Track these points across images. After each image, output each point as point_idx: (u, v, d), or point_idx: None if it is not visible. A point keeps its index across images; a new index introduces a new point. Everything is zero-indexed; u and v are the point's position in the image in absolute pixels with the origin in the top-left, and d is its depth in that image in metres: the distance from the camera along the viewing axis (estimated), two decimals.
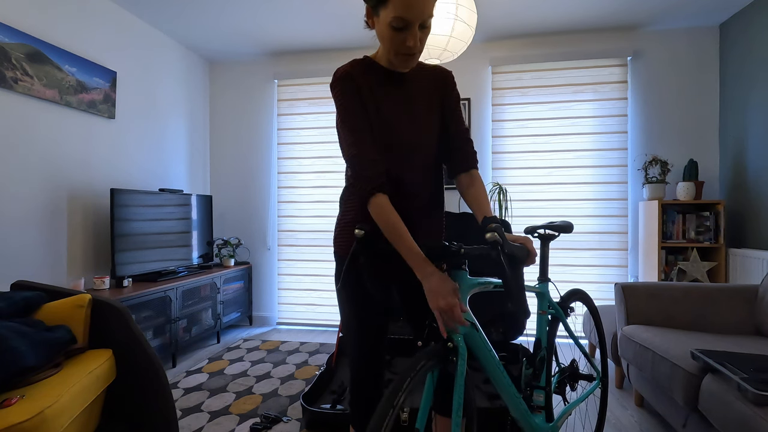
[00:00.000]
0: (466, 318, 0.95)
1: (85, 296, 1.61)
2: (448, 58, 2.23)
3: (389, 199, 1.01)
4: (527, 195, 3.35)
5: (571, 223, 1.41)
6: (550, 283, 1.48)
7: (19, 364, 1.27)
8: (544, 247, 1.44)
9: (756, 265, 2.55)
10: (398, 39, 0.97)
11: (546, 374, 1.30)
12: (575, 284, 3.28)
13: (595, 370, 1.64)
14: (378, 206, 0.97)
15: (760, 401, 1.18)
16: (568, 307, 1.51)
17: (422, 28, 0.97)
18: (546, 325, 1.38)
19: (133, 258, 2.63)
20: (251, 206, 3.81)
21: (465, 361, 0.92)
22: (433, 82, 1.14)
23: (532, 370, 1.30)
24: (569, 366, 1.53)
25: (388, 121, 1.06)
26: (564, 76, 3.29)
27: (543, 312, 1.38)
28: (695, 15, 2.96)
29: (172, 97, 3.39)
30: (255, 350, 3.02)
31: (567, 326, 1.49)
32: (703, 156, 3.13)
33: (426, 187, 1.12)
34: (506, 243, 0.89)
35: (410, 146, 1.08)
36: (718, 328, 1.95)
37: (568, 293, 1.56)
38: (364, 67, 1.08)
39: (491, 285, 1.09)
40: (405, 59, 1.01)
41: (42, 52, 2.29)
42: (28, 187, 2.23)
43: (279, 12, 2.95)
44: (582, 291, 1.61)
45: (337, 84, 1.04)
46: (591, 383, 2.34)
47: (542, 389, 1.29)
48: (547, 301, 1.39)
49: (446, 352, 0.92)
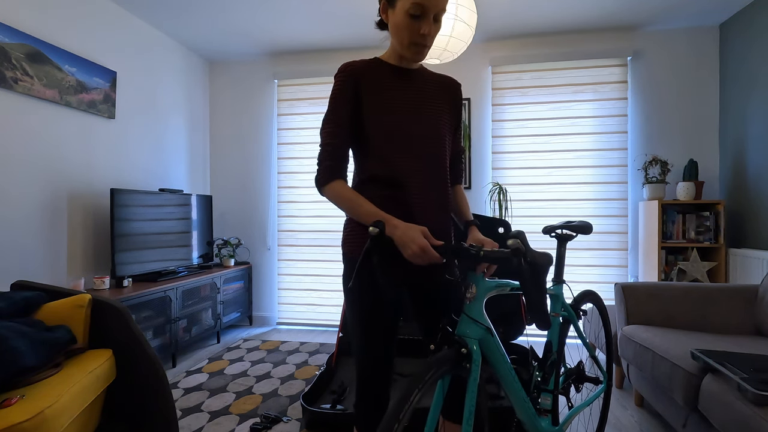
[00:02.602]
0: (482, 323, 0.94)
1: (85, 296, 1.61)
2: (448, 58, 2.23)
3: (384, 189, 1.07)
4: (527, 195, 3.34)
5: (589, 224, 1.39)
6: (564, 284, 1.46)
7: (19, 364, 1.27)
8: (561, 247, 1.42)
9: (756, 265, 2.55)
10: (414, 27, 1.01)
11: (554, 377, 1.29)
12: (575, 284, 3.28)
13: (602, 374, 1.63)
14: (333, 189, 1.04)
15: (760, 401, 1.18)
16: (580, 309, 1.48)
17: (435, 21, 1.03)
18: (558, 327, 1.35)
19: (133, 258, 2.63)
20: (251, 206, 3.81)
21: (479, 367, 0.90)
22: (445, 87, 1.17)
23: (543, 374, 1.28)
24: (576, 367, 1.51)
25: (394, 114, 1.07)
26: (564, 76, 3.29)
27: (555, 314, 1.36)
28: (695, 15, 2.96)
29: (172, 97, 3.39)
30: (255, 350, 3.02)
31: (578, 329, 1.47)
32: (703, 156, 3.13)
33: (433, 186, 1.11)
34: (529, 250, 0.87)
35: (419, 140, 1.08)
36: (718, 328, 1.95)
37: (580, 295, 1.54)
38: (372, 64, 1.11)
39: (508, 287, 1.07)
40: (418, 50, 1.05)
41: (42, 52, 2.29)
42: (28, 187, 2.23)
43: (279, 12, 2.95)
44: (594, 293, 1.58)
45: (338, 76, 1.08)
46: (597, 386, 2.32)
47: (550, 392, 1.27)
48: (560, 303, 1.37)
49: (459, 357, 0.89)
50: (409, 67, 1.14)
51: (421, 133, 1.08)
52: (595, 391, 2.16)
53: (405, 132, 1.07)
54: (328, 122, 1.07)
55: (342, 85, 1.07)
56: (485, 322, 0.97)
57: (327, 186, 1.05)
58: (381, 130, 1.07)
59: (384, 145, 1.07)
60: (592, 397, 1.51)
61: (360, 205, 1.00)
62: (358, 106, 1.07)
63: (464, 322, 0.94)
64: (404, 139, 1.07)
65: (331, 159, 1.05)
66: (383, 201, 1.07)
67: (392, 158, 1.06)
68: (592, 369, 2.65)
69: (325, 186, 1.05)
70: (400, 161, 1.06)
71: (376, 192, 1.08)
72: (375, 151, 1.08)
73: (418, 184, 1.08)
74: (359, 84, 1.07)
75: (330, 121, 1.07)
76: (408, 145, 1.07)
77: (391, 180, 1.07)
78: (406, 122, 1.07)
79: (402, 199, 1.07)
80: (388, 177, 1.07)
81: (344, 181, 1.06)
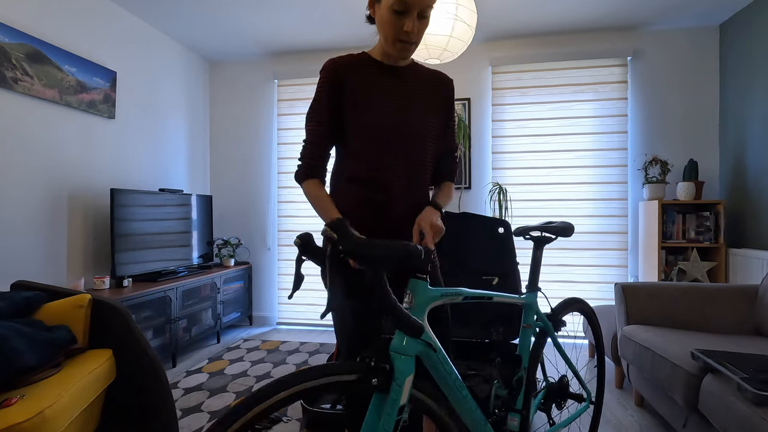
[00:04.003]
0: (422, 338, 0.83)
1: (85, 296, 1.61)
2: (448, 58, 2.23)
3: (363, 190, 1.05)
4: (527, 195, 3.34)
5: (571, 225, 1.27)
6: (539, 293, 1.29)
7: (20, 364, 1.27)
8: (537, 251, 1.27)
9: (756, 265, 2.55)
10: (398, 24, 0.99)
11: (525, 396, 1.16)
12: (575, 284, 3.28)
13: (586, 391, 1.49)
14: (306, 188, 1.07)
15: (760, 401, 1.18)
16: (559, 320, 1.32)
17: (421, 18, 0.99)
18: (529, 340, 1.21)
19: (133, 258, 2.63)
20: (251, 206, 3.81)
21: (402, 388, 0.77)
22: (435, 83, 1.14)
23: (508, 392, 1.16)
24: (558, 382, 1.38)
25: (374, 113, 1.05)
26: (564, 76, 3.29)
27: (527, 326, 1.22)
28: (695, 15, 2.96)
29: (172, 96, 3.39)
30: (255, 350, 3.02)
31: (556, 342, 1.34)
32: (703, 156, 3.13)
33: (413, 187, 1.08)
34: (347, 239, 0.74)
35: (399, 140, 1.05)
36: (718, 328, 1.95)
37: (562, 303, 1.37)
38: (358, 61, 1.09)
39: (460, 297, 0.95)
40: (403, 47, 1.02)
41: (42, 52, 2.29)
42: (28, 187, 2.23)
43: (279, 12, 2.95)
44: (580, 300, 1.43)
45: (321, 73, 1.08)
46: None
47: (518, 413, 1.14)
48: (533, 313, 1.23)
49: (368, 372, 0.76)
50: (396, 63, 1.11)
51: (402, 134, 1.06)
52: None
53: (384, 132, 1.05)
54: (311, 120, 1.08)
55: (324, 83, 1.07)
56: (425, 337, 0.84)
57: (302, 184, 1.08)
58: (360, 130, 1.05)
59: (362, 145, 1.05)
60: (573, 415, 1.40)
61: (321, 208, 1.02)
62: (340, 104, 1.07)
63: (398, 335, 0.82)
64: (383, 140, 1.05)
65: (309, 157, 1.08)
66: (361, 202, 1.06)
67: (370, 159, 1.05)
68: (596, 365, 2.64)
69: (301, 183, 1.09)
70: (378, 162, 1.05)
71: (354, 192, 1.07)
72: (354, 150, 1.07)
73: (396, 186, 1.06)
74: (341, 82, 1.06)
75: (312, 118, 1.08)
76: (387, 145, 1.05)
77: (369, 181, 1.06)
78: (386, 122, 1.05)
79: (380, 200, 1.05)
80: (366, 178, 1.06)
81: (318, 180, 1.08)
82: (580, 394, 1.42)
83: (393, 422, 0.76)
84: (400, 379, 0.77)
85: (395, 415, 0.76)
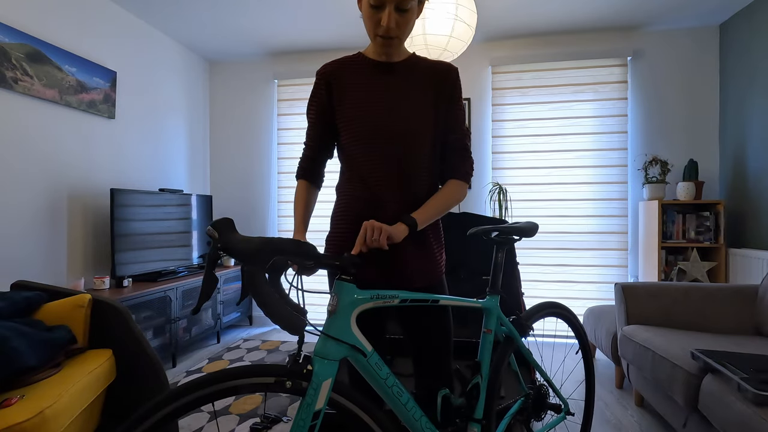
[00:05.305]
0: (347, 341, 0.81)
1: (85, 296, 1.61)
2: (448, 58, 2.23)
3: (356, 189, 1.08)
4: (527, 195, 3.34)
5: (535, 225, 1.20)
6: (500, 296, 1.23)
7: (20, 364, 1.27)
8: (499, 253, 1.21)
9: (756, 265, 2.55)
10: (375, 19, 0.98)
11: (487, 405, 1.11)
12: (575, 284, 3.28)
13: (562, 401, 1.40)
14: (296, 188, 1.14)
15: (760, 401, 1.18)
16: (527, 325, 1.25)
17: (400, 11, 0.96)
18: (490, 346, 1.16)
19: (133, 258, 2.63)
20: (251, 206, 3.81)
21: (317, 392, 0.75)
22: (433, 74, 1.08)
23: (464, 400, 1.10)
24: (536, 391, 1.30)
25: (363, 113, 1.04)
26: (564, 76, 3.29)
27: (488, 331, 1.16)
28: (695, 15, 2.96)
29: (171, 96, 3.39)
30: (255, 350, 3.02)
31: (524, 349, 1.26)
32: (703, 156, 3.13)
33: (407, 186, 1.04)
34: (232, 238, 0.72)
35: (390, 139, 1.03)
36: (718, 328, 1.95)
37: (534, 308, 1.31)
38: (348, 61, 1.09)
39: (396, 299, 0.90)
40: (383, 42, 1.01)
41: (42, 52, 2.28)
42: (28, 187, 2.23)
43: (279, 12, 2.95)
44: (558, 305, 1.34)
45: (315, 80, 1.12)
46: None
47: (478, 422, 1.09)
48: (495, 317, 1.18)
49: (283, 375, 0.74)
50: (389, 60, 1.07)
51: (393, 132, 1.02)
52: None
53: (373, 132, 1.03)
54: (308, 124, 1.15)
55: (314, 88, 1.11)
56: (350, 339, 0.82)
57: (297, 183, 1.15)
58: (350, 131, 1.05)
59: (354, 146, 1.05)
60: (545, 427, 1.33)
61: (294, 211, 1.09)
62: (331, 107, 1.09)
63: (322, 338, 0.81)
64: (373, 140, 1.03)
65: (303, 161, 1.15)
66: (354, 202, 1.07)
67: (361, 159, 1.05)
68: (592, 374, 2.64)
69: (297, 183, 1.16)
70: (368, 162, 1.04)
71: (350, 192, 1.08)
72: (347, 151, 1.08)
73: (388, 185, 1.03)
74: (330, 86, 1.08)
75: (310, 125, 1.14)
76: (377, 144, 1.03)
77: (361, 181, 1.05)
78: (375, 121, 1.03)
79: (372, 200, 1.04)
80: (358, 178, 1.06)
81: (307, 182, 1.14)
82: (558, 404, 1.36)
83: (306, 428, 0.74)
84: (315, 382, 0.76)
85: (309, 420, 0.74)
